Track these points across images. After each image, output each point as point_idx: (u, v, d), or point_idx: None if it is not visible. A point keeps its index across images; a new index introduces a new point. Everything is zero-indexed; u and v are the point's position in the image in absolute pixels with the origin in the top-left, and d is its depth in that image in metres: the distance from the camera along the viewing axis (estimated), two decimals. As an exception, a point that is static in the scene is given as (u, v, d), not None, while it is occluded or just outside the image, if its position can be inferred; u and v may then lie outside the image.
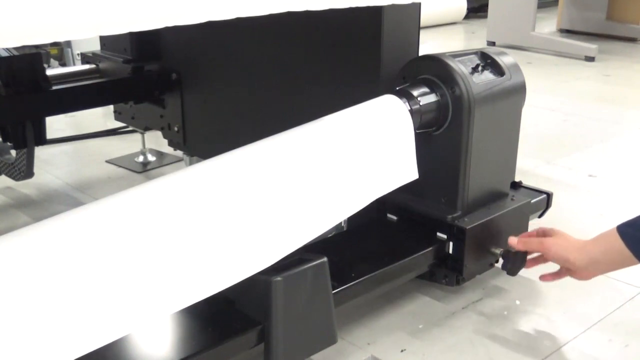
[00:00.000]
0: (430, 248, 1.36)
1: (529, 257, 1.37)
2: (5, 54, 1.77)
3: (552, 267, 1.34)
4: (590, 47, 4.13)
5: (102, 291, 0.84)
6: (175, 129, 2.07)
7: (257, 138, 1.13)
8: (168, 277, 0.91)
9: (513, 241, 1.35)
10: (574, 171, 2.28)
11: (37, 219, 1.23)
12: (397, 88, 1.34)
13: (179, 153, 2.25)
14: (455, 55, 1.37)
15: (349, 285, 1.22)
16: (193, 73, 1.97)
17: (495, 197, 1.46)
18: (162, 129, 2.14)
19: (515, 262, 1.36)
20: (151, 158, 2.39)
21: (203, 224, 0.96)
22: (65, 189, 2.17)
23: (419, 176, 1.31)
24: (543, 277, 1.37)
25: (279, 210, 1.05)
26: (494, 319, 1.42)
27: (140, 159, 2.39)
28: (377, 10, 1.38)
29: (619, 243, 1.17)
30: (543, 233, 1.36)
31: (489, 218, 1.39)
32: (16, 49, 1.77)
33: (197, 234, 0.95)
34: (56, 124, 2.67)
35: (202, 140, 2.02)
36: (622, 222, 1.19)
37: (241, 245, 1.00)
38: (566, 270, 1.31)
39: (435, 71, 1.34)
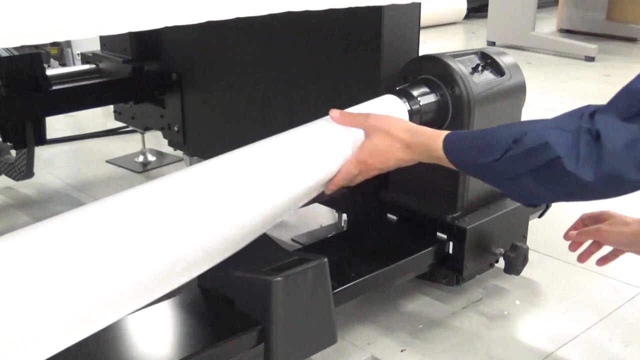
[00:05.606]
0: (430, 248, 1.36)
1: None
2: (5, 54, 1.77)
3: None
4: (590, 47, 4.13)
5: (102, 291, 0.84)
6: (175, 129, 2.07)
7: (257, 138, 1.13)
8: (166, 276, 0.91)
9: None
10: (574, 171, 2.28)
11: (37, 219, 1.23)
12: (397, 88, 1.34)
13: (179, 153, 2.25)
14: (455, 55, 1.37)
15: (349, 285, 1.22)
16: (193, 73, 1.96)
17: (495, 197, 1.45)
18: (162, 129, 2.14)
19: (517, 262, 1.36)
20: (151, 158, 2.39)
21: (203, 224, 0.96)
22: (65, 189, 2.17)
23: (419, 176, 1.31)
24: (600, 261, 1.24)
25: (278, 210, 1.05)
26: (494, 319, 1.42)
27: (140, 159, 2.39)
28: (377, 10, 1.38)
29: None
30: (594, 219, 1.24)
31: (489, 218, 1.39)
32: (16, 49, 1.77)
33: (198, 235, 0.95)
34: (56, 124, 2.67)
35: (202, 140, 2.01)
36: None
37: (236, 242, 1.00)
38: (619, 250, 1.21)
39: (435, 71, 1.34)
